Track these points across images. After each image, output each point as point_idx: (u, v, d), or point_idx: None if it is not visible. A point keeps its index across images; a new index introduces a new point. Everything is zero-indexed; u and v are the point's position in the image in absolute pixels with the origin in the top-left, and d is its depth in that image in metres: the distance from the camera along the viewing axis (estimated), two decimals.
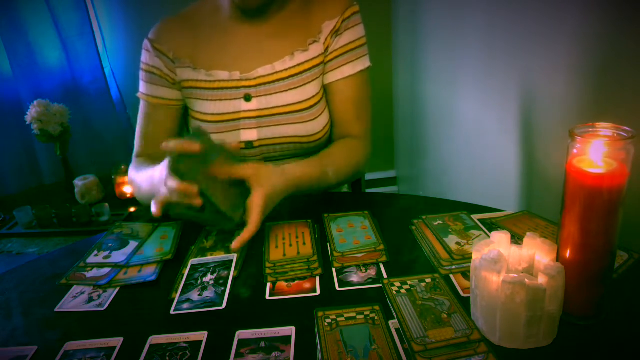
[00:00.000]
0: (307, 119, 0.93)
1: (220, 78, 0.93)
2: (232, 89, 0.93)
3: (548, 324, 0.51)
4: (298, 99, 0.92)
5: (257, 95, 0.92)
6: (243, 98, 0.92)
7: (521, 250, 0.57)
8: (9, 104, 2.00)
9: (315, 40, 0.93)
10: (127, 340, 0.58)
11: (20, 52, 1.97)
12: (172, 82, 0.95)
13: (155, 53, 0.94)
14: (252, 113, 0.92)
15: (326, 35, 0.93)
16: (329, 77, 0.95)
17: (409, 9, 1.95)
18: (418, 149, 2.00)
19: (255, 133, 0.93)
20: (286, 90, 0.92)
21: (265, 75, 0.92)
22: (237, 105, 0.92)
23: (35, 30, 1.97)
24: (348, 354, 0.52)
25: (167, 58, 0.94)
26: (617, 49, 0.78)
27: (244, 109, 0.92)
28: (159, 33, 0.96)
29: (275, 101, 0.92)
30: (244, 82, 0.92)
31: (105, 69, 2.05)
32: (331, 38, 0.93)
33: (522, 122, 1.12)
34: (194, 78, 0.94)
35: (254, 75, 0.92)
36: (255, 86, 0.92)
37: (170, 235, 0.83)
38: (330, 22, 0.93)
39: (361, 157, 0.96)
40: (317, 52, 0.93)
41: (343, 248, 0.73)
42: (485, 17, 1.25)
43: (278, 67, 0.92)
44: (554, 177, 0.99)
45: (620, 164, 0.49)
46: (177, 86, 0.96)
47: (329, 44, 0.93)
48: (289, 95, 0.92)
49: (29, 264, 0.79)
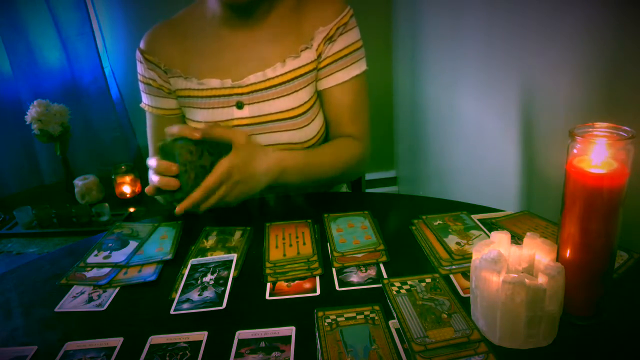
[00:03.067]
0: (301, 125, 0.92)
1: (211, 86, 0.92)
2: (223, 96, 0.92)
3: (548, 324, 0.51)
4: (291, 105, 0.91)
5: (250, 102, 0.91)
6: (235, 106, 0.92)
7: (521, 250, 0.57)
8: (9, 104, 2.00)
9: (307, 46, 0.91)
10: (127, 340, 0.58)
11: (20, 52, 1.97)
12: (167, 92, 0.95)
13: (148, 65, 0.94)
14: (245, 120, 0.92)
15: (319, 41, 0.91)
16: (322, 83, 0.94)
17: (409, 9, 1.95)
18: (418, 149, 2.00)
19: None
20: (278, 97, 0.91)
21: (257, 83, 0.91)
22: (229, 113, 0.92)
23: (35, 30, 1.97)
24: (348, 354, 0.52)
25: (159, 69, 0.94)
26: (617, 49, 0.78)
27: (237, 117, 0.92)
28: (149, 43, 0.95)
29: (268, 108, 0.91)
30: (236, 90, 0.91)
31: (105, 69, 2.05)
32: (324, 44, 0.91)
33: (522, 122, 1.12)
34: (186, 87, 0.93)
35: (246, 83, 0.91)
36: (247, 93, 0.91)
37: (170, 235, 0.83)
38: (324, 28, 0.91)
39: (356, 154, 0.95)
40: (309, 58, 0.91)
41: (343, 248, 0.73)
42: (485, 17, 1.25)
43: (269, 74, 0.91)
44: (554, 177, 0.99)
45: (620, 164, 0.49)
46: (173, 95, 0.96)
47: (321, 51, 0.91)
48: (281, 102, 0.91)
49: (29, 264, 0.79)
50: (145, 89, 0.97)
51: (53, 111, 1.75)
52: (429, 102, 1.81)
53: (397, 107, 2.28)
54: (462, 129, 1.51)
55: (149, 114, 0.99)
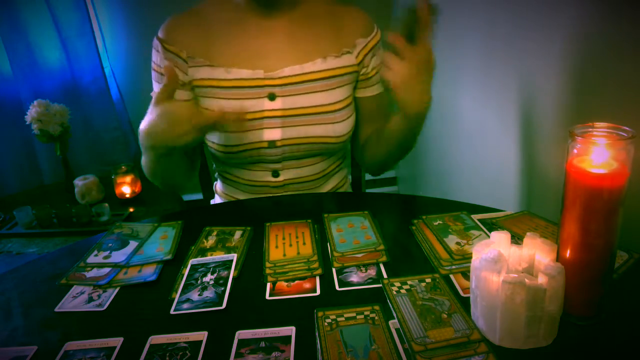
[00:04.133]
0: (335, 121, 0.93)
1: (240, 76, 0.91)
2: (254, 87, 0.91)
3: (548, 324, 0.51)
4: (327, 100, 0.93)
5: (282, 94, 0.91)
6: (267, 97, 0.91)
7: (521, 250, 0.57)
8: (9, 104, 2.00)
9: (349, 51, 0.95)
10: (127, 340, 0.58)
11: (20, 52, 1.97)
12: (181, 84, 0.94)
13: (165, 54, 0.93)
14: (276, 112, 0.91)
15: (359, 50, 0.96)
16: (373, 89, 1.00)
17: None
18: (418, 149, 1.98)
19: (278, 132, 0.92)
20: (314, 92, 0.92)
21: (292, 75, 0.91)
22: (260, 104, 0.91)
23: (35, 30, 1.97)
24: (348, 354, 0.52)
25: (180, 58, 0.92)
26: (617, 49, 0.78)
27: (268, 108, 0.91)
28: (170, 31, 0.93)
29: (302, 101, 0.92)
30: (268, 81, 0.91)
31: (105, 69, 2.05)
32: (364, 55, 0.97)
33: (522, 122, 1.12)
34: (210, 77, 0.92)
35: (280, 75, 0.91)
36: (281, 85, 0.91)
37: (170, 235, 0.83)
38: (364, 40, 0.96)
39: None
40: (350, 62, 0.95)
41: (343, 248, 0.73)
42: (485, 17, 1.25)
43: (307, 68, 0.92)
44: (554, 177, 0.99)
45: (620, 164, 0.49)
46: (187, 87, 0.94)
47: (362, 59, 0.97)
48: (316, 96, 0.92)
49: (29, 264, 0.79)
50: (158, 77, 0.96)
51: (53, 111, 1.75)
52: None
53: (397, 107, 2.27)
54: (462, 129, 1.51)
55: None
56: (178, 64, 0.92)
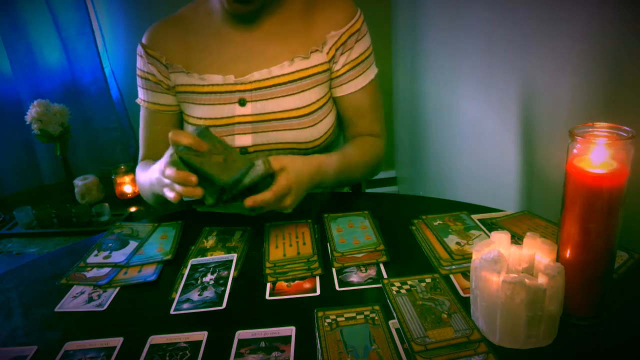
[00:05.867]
0: (307, 125, 0.91)
1: (213, 82, 0.91)
2: (226, 93, 0.91)
3: (548, 324, 0.51)
4: (297, 104, 0.91)
5: (252, 99, 0.91)
6: (237, 102, 0.91)
7: (521, 250, 0.57)
8: (9, 104, 2.00)
9: (318, 49, 0.91)
10: (127, 340, 0.58)
11: (20, 52, 1.97)
12: (166, 88, 0.95)
13: (149, 59, 0.94)
14: (247, 118, 0.91)
15: (330, 45, 0.91)
16: (343, 89, 0.94)
17: (409, 9, 1.95)
18: (418, 149, 2.00)
19: (250, 138, 0.91)
20: (283, 95, 0.90)
21: (261, 80, 0.90)
22: (231, 109, 0.91)
23: (35, 30, 1.97)
24: (348, 354, 0.52)
25: (160, 63, 0.94)
26: (617, 49, 0.78)
27: (238, 114, 0.91)
28: (152, 38, 0.95)
29: (272, 106, 0.91)
30: (239, 86, 0.91)
31: (105, 69, 2.05)
32: (336, 50, 0.91)
33: (522, 122, 1.12)
34: (187, 83, 0.93)
35: (249, 79, 0.90)
36: (251, 90, 0.91)
37: (170, 235, 0.83)
38: (336, 32, 0.90)
39: (379, 151, 0.99)
40: (319, 60, 0.91)
41: (343, 248, 0.73)
42: (486, 16, 1.25)
43: (275, 72, 0.90)
44: (554, 177, 0.99)
45: (620, 164, 0.49)
46: (172, 91, 0.95)
47: (333, 54, 0.92)
48: (286, 100, 0.90)
49: (29, 264, 0.79)
50: (143, 83, 0.96)
51: (53, 111, 1.75)
52: (428, 102, 1.81)
53: (397, 107, 2.28)
54: (462, 129, 1.51)
55: (145, 110, 0.98)
56: (160, 69, 0.94)
